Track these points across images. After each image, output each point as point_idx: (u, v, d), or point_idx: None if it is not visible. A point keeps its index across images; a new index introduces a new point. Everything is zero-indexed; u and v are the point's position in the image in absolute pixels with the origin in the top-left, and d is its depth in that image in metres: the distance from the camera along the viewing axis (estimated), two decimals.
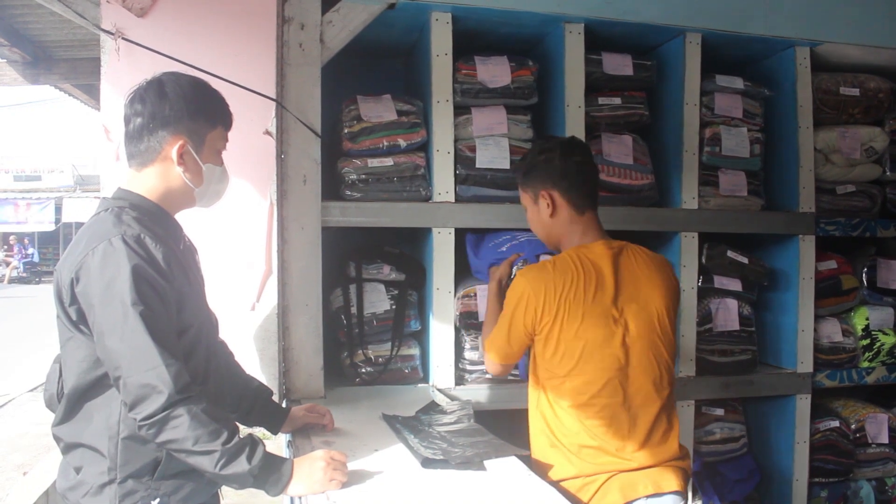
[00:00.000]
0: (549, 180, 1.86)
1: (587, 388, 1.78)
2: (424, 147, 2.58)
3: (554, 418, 1.82)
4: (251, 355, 2.27)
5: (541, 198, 1.87)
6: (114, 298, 1.39)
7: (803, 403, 2.93)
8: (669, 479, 1.79)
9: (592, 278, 1.80)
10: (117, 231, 1.44)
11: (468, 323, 2.55)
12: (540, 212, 1.90)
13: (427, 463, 1.67)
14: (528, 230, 2.08)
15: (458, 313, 2.55)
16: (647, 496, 1.76)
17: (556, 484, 1.72)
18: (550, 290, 1.79)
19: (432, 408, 2.17)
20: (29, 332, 9.57)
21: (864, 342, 3.06)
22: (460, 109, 2.58)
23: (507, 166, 2.57)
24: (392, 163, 2.51)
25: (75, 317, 1.46)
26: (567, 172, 1.86)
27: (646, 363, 1.81)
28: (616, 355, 1.79)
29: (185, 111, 1.54)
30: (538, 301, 1.79)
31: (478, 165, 2.55)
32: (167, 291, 1.46)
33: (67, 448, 1.53)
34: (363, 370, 2.56)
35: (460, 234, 2.55)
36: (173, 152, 1.55)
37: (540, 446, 1.87)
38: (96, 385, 1.48)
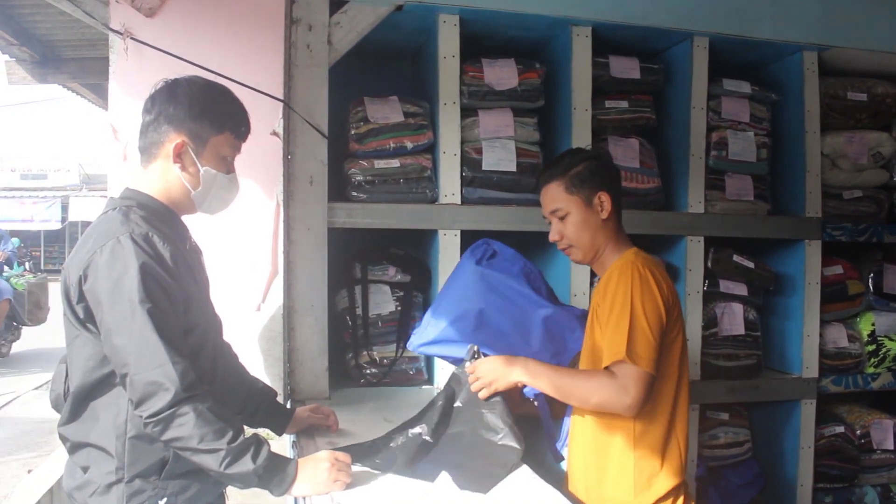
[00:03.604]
0: (605, 183, 1.84)
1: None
2: (431, 149, 2.59)
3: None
4: (256, 356, 2.28)
5: (597, 199, 1.82)
6: (122, 296, 1.40)
7: (808, 408, 2.93)
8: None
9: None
10: (125, 229, 1.45)
11: None
12: (593, 215, 1.83)
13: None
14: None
15: None
16: None
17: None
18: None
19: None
20: (29, 331, 9.55)
21: (870, 348, 3.06)
22: (467, 112, 2.58)
23: (514, 169, 2.57)
24: (398, 164, 2.51)
25: (83, 314, 1.46)
26: (618, 177, 1.91)
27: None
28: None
29: (188, 111, 1.55)
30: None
31: (484, 168, 2.56)
32: (175, 290, 1.47)
33: (74, 447, 1.53)
34: (368, 371, 2.56)
35: (466, 236, 2.54)
36: (171, 150, 1.56)
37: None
38: (103, 383, 1.48)
